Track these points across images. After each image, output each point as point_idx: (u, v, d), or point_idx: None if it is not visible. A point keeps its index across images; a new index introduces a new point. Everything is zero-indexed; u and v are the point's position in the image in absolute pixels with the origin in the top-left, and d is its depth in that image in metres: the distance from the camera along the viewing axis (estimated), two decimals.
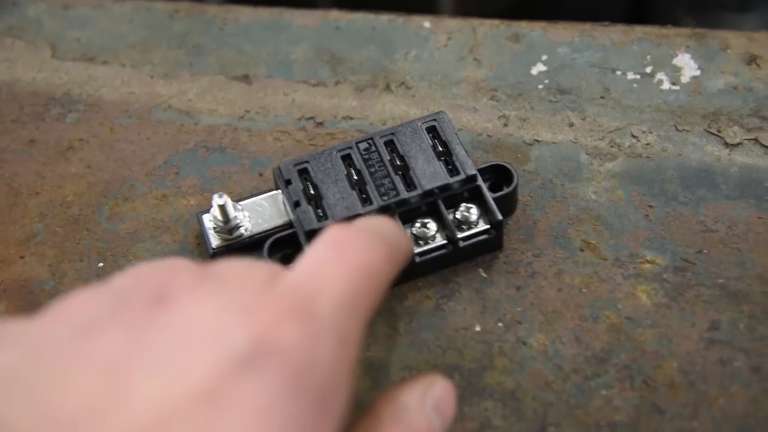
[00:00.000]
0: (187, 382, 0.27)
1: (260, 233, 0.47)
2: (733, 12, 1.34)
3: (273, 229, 0.47)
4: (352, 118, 0.54)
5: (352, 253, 0.33)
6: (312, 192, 0.46)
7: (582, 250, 0.47)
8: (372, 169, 0.47)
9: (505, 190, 0.47)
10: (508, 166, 0.48)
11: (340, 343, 0.30)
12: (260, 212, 0.47)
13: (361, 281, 0.32)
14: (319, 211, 0.45)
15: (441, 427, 0.34)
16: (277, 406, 0.27)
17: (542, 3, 1.33)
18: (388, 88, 0.55)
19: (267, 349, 0.28)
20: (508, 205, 0.48)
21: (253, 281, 0.31)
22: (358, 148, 0.47)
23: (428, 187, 0.46)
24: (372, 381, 0.43)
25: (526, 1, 1.35)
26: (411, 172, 0.46)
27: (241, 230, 0.46)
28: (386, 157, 0.47)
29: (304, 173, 0.47)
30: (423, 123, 0.48)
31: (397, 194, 0.46)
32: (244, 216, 0.47)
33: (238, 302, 0.29)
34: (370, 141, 0.48)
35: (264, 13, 0.59)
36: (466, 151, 0.47)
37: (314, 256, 0.32)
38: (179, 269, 0.30)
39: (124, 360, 0.27)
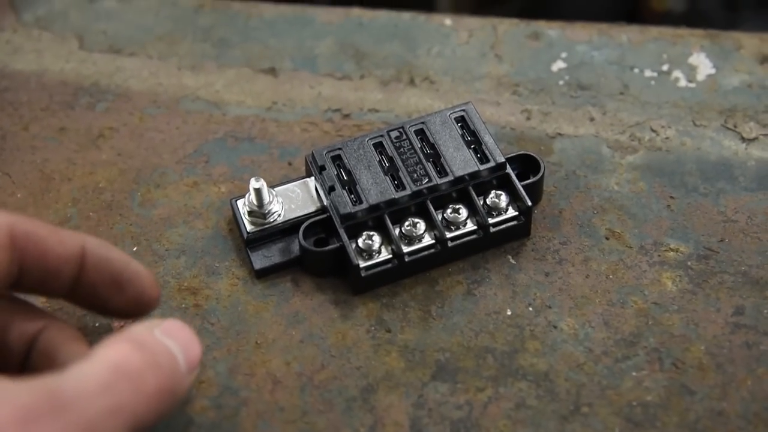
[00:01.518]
0: None
1: (293, 219, 0.48)
2: (722, 28, 1.37)
3: (305, 215, 0.48)
4: (378, 111, 0.55)
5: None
6: (345, 178, 0.47)
7: (607, 239, 0.48)
8: (403, 157, 0.48)
9: (533, 178, 0.48)
10: (534, 155, 0.49)
11: None
12: (292, 198, 0.48)
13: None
14: (353, 196, 0.46)
15: (182, 349, 0.37)
16: None
17: (539, 9, 1.36)
18: (412, 82, 0.56)
19: None
20: (535, 193, 0.49)
21: None
22: (390, 137, 0.48)
23: (459, 173, 0.47)
24: (407, 362, 0.44)
25: (523, 8, 1.37)
26: (442, 160, 0.47)
27: (275, 215, 0.47)
28: (417, 145, 0.48)
29: (336, 160, 0.48)
30: (452, 113, 0.49)
31: (430, 180, 0.47)
32: (278, 201, 0.48)
33: None
34: (400, 129, 0.49)
35: (287, 9, 0.61)
36: (494, 140, 0.48)
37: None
38: None
39: None
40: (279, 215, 0.48)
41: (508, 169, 0.48)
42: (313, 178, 0.48)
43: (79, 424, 0.32)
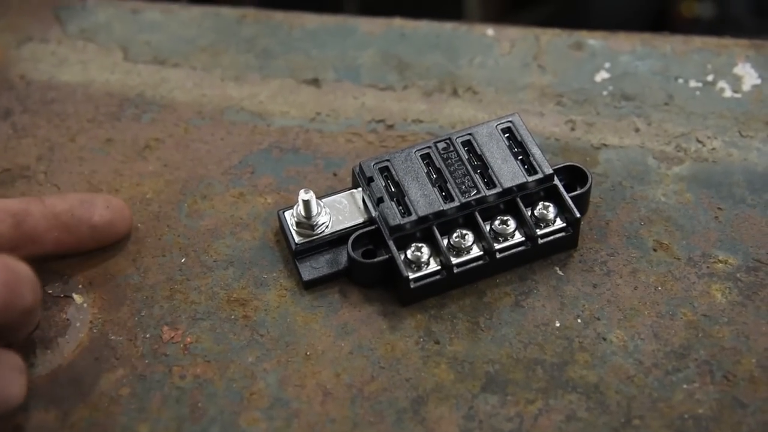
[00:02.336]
0: None
1: (340, 230, 0.48)
2: (752, 35, 1.36)
3: (353, 226, 0.48)
4: (421, 121, 0.55)
5: None
6: (393, 189, 0.47)
7: (655, 250, 0.48)
8: (451, 168, 0.48)
9: (580, 190, 0.48)
10: (581, 166, 0.49)
11: None
12: (339, 209, 0.48)
13: None
14: (401, 207, 0.46)
15: None
16: None
17: (569, 15, 1.35)
18: (455, 92, 0.56)
19: None
20: (582, 204, 0.49)
21: None
22: (437, 148, 0.48)
23: (507, 185, 0.47)
24: (456, 374, 0.44)
25: (552, 13, 1.37)
26: (489, 171, 0.47)
27: (323, 227, 0.47)
28: (464, 157, 0.48)
29: (384, 171, 0.48)
30: (498, 124, 0.49)
31: (478, 192, 0.47)
32: (325, 213, 0.48)
33: None
34: (447, 141, 0.49)
35: (329, 20, 0.61)
36: (541, 152, 0.48)
37: None
38: None
39: None
40: (327, 227, 0.48)
41: (556, 181, 0.48)
42: (360, 189, 0.48)
43: None
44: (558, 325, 0.46)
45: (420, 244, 0.46)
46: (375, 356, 0.45)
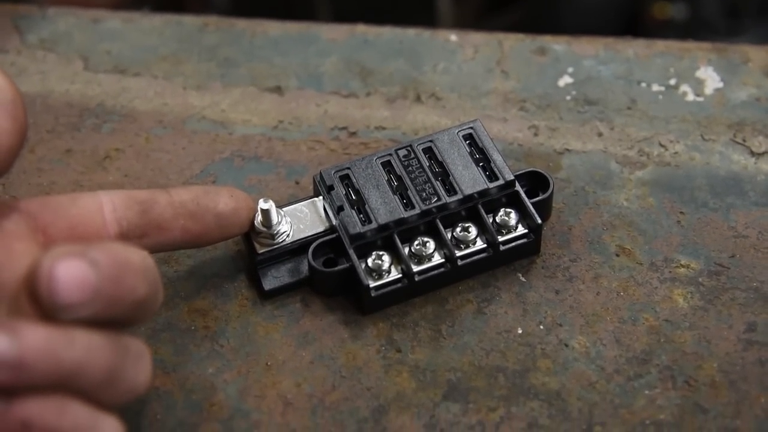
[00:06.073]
0: None
1: (302, 239, 0.47)
2: (724, 36, 1.37)
3: (314, 235, 0.47)
4: (384, 128, 0.55)
5: None
6: (354, 197, 0.47)
7: (617, 255, 0.48)
8: (412, 175, 0.47)
9: (542, 196, 0.48)
10: (543, 172, 0.49)
11: None
12: (301, 218, 0.48)
13: None
14: (362, 216, 0.46)
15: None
16: None
17: (542, 17, 1.36)
18: (418, 99, 0.56)
19: None
20: (544, 210, 0.49)
21: None
22: (398, 155, 0.48)
23: (468, 192, 0.47)
24: (418, 382, 0.44)
25: (524, 20, 1.37)
26: (450, 178, 0.47)
27: (284, 236, 0.47)
28: (425, 164, 0.48)
29: (345, 179, 0.47)
30: (459, 131, 0.49)
31: (439, 199, 0.46)
32: (286, 221, 0.47)
33: None
34: (408, 148, 0.49)
35: (292, 27, 0.60)
36: (503, 158, 0.48)
37: None
38: None
39: None
40: (288, 235, 0.47)
41: (517, 187, 0.47)
42: (321, 197, 0.48)
43: None
44: (520, 331, 0.46)
45: (381, 252, 0.46)
46: (336, 365, 0.44)
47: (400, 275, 0.46)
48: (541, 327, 0.46)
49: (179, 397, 0.43)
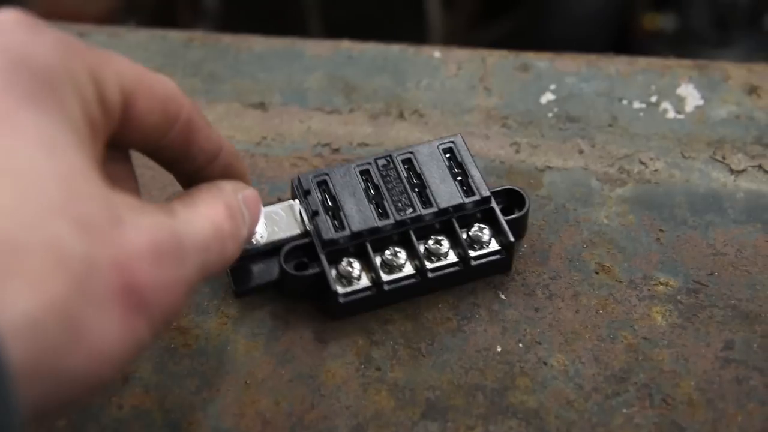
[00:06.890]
0: None
1: (275, 241, 0.47)
2: (713, 47, 1.38)
3: (288, 238, 0.47)
4: (367, 145, 0.55)
5: None
6: (330, 203, 0.47)
7: (597, 273, 0.48)
8: (389, 185, 0.48)
9: (517, 214, 0.48)
10: (520, 190, 0.49)
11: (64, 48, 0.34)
12: (276, 221, 0.48)
13: None
14: (336, 222, 0.46)
15: (249, 220, 0.40)
16: None
17: (530, 32, 1.36)
18: (401, 115, 0.56)
19: None
20: (519, 228, 0.49)
21: None
22: (377, 165, 0.48)
23: (443, 205, 0.47)
24: (397, 401, 0.44)
25: (514, 30, 1.37)
26: (427, 190, 0.47)
27: (257, 237, 0.47)
28: (404, 175, 0.48)
29: (322, 185, 0.48)
30: (440, 144, 0.49)
31: (414, 210, 0.47)
32: (261, 223, 0.47)
33: None
34: (388, 158, 0.49)
35: (277, 43, 0.61)
36: (481, 174, 0.48)
37: None
38: None
39: None
40: (261, 237, 0.47)
41: (493, 203, 0.48)
42: (298, 201, 0.48)
43: (186, 274, 0.34)
44: (499, 349, 0.46)
45: (352, 260, 0.46)
46: (315, 384, 0.45)
47: (370, 284, 0.46)
48: (521, 345, 0.46)
49: (158, 416, 0.43)
